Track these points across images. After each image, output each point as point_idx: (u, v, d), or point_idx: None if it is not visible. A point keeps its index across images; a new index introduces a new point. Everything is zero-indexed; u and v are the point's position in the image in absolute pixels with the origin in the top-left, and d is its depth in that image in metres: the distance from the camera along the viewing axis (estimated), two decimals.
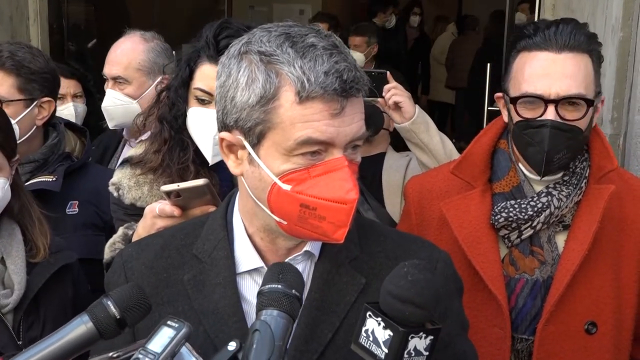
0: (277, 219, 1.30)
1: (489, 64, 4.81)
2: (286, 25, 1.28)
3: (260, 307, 1.17)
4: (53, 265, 1.92)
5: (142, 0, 7.70)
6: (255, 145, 1.27)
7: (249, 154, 1.28)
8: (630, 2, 2.63)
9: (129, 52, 2.83)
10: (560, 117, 1.79)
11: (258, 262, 1.37)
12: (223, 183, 1.92)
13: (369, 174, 2.92)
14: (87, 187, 2.43)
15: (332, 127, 1.23)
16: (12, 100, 2.32)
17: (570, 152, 1.83)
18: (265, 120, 1.24)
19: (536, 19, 4.06)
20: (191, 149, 1.96)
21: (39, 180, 2.32)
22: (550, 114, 1.79)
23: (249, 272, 1.38)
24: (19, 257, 1.86)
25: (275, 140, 1.25)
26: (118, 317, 1.19)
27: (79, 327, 1.19)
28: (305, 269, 1.38)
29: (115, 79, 2.82)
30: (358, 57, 5.65)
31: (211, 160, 1.93)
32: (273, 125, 1.24)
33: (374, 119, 2.87)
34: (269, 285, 1.18)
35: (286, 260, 1.36)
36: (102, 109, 2.85)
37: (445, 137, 2.56)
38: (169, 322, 1.18)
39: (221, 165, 1.95)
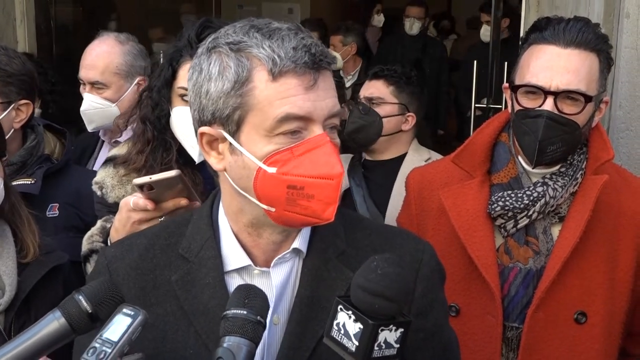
0: (265, 207, 1.29)
1: (475, 61, 4.83)
2: (248, 19, 1.32)
3: (223, 333, 1.18)
4: (44, 266, 1.91)
5: (130, 2, 7.69)
6: (235, 132, 1.28)
7: (230, 144, 1.29)
8: None
9: (105, 56, 2.82)
10: (558, 110, 1.84)
11: (245, 261, 1.37)
12: (206, 181, 1.93)
13: (379, 176, 2.93)
14: (67, 189, 2.41)
15: (309, 102, 1.25)
16: (8, 102, 2.30)
17: (565, 145, 1.87)
18: (242, 104, 1.26)
19: (522, 14, 4.08)
20: (174, 149, 1.97)
21: (17, 183, 2.27)
22: (548, 105, 1.83)
23: (237, 270, 1.38)
24: (9, 259, 1.86)
25: (255, 122, 1.26)
26: (90, 311, 1.20)
27: (52, 323, 1.19)
28: (294, 266, 1.39)
29: (93, 83, 2.82)
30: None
31: (197, 158, 1.94)
32: (250, 107, 1.25)
33: (371, 126, 2.88)
34: (234, 310, 1.18)
35: (274, 260, 1.37)
36: (81, 112, 2.86)
37: None
38: (124, 310, 1.18)
39: (204, 165, 1.97)
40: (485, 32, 6.17)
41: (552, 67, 1.83)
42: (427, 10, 6.79)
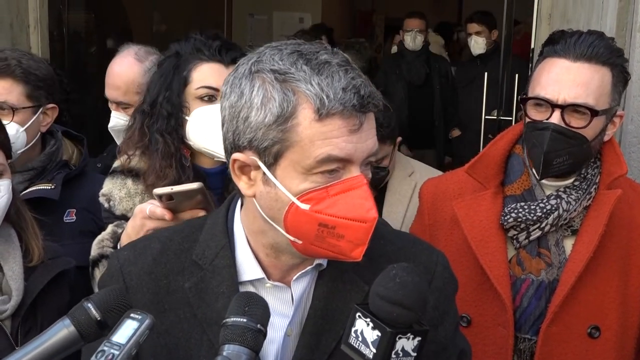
0: (292, 238, 1.29)
1: (486, 73, 4.83)
2: (295, 43, 1.27)
3: (223, 341, 1.17)
4: (51, 272, 1.92)
5: (142, 10, 7.73)
6: (272, 165, 1.25)
7: (264, 174, 1.27)
8: (623, 12, 2.66)
9: (125, 77, 2.82)
10: (566, 123, 1.84)
11: (259, 274, 1.37)
12: (214, 191, 1.93)
13: None
14: (84, 195, 2.44)
15: (351, 144, 1.22)
16: (23, 108, 2.34)
17: (572, 158, 1.87)
18: (283, 140, 1.22)
19: (533, 27, 4.08)
20: (190, 167, 1.96)
21: (37, 188, 2.34)
22: (555, 118, 1.84)
23: (251, 281, 1.38)
24: (16, 263, 1.87)
25: (294, 159, 1.23)
26: (99, 319, 1.21)
27: (61, 330, 1.21)
28: (310, 278, 1.39)
29: (118, 103, 2.83)
30: None
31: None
32: (291, 144, 1.22)
33: (384, 178, 2.82)
34: (233, 318, 1.18)
35: (297, 275, 1.36)
36: (109, 129, 2.87)
37: None
38: (132, 315, 1.20)
39: (212, 175, 1.97)
40: (477, 44, 5.74)
41: (560, 80, 1.84)
42: (427, 23, 6.18)
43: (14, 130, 2.31)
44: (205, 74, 1.94)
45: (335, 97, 1.20)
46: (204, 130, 1.94)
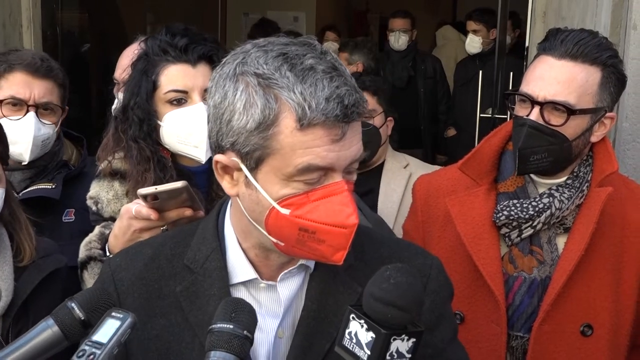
0: (274, 240, 1.29)
1: (480, 71, 4.83)
2: (282, 44, 1.25)
3: (209, 347, 1.17)
4: (43, 271, 1.91)
5: (135, 8, 7.72)
6: (253, 169, 1.25)
7: (246, 176, 1.27)
8: (618, 10, 2.66)
9: None
10: (545, 120, 1.85)
11: (252, 274, 1.37)
12: (201, 190, 1.92)
13: (361, 186, 2.87)
14: (83, 194, 2.43)
15: (333, 153, 1.22)
16: (63, 109, 2.45)
17: (552, 156, 1.87)
18: (264, 146, 1.22)
19: (528, 25, 4.09)
20: (171, 166, 1.95)
21: (38, 187, 2.36)
22: (534, 114, 1.86)
23: (244, 283, 1.37)
24: (5, 263, 1.86)
25: (274, 165, 1.23)
26: (83, 318, 1.20)
27: (45, 331, 1.20)
28: (301, 279, 1.38)
29: None
30: None
31: (205, 157, 1.93)
32: (272, 151, 1.22)
33: (373, 141, 2.83)
34: (220, 325, 1.18)
35: (281, 274, 1.36)
36: (112, 111, 2.89)
37: None
38: (113, 314, 1.20)
39: (198, 174, 1.96)
40: (472, 42, 5.68)
41: (543, 77, 1.86)
42: (414, 22, 6.02)
43: (52, 130, 2.40)
44: (172, 77, 1.94)
45: (317, 108, 1.19)
46: (178, 134, 1.94)
